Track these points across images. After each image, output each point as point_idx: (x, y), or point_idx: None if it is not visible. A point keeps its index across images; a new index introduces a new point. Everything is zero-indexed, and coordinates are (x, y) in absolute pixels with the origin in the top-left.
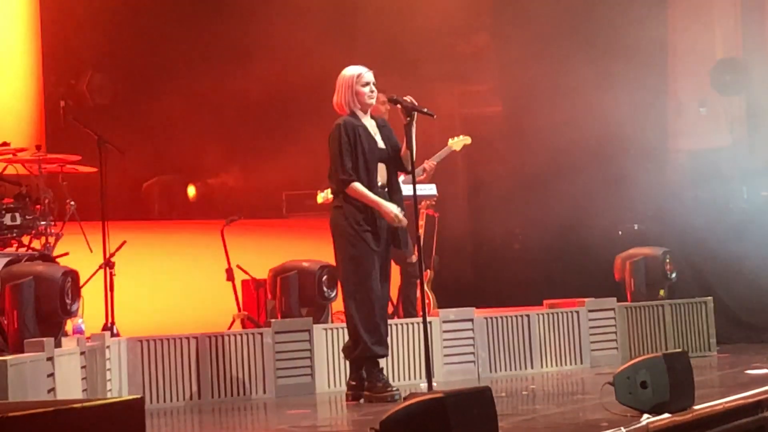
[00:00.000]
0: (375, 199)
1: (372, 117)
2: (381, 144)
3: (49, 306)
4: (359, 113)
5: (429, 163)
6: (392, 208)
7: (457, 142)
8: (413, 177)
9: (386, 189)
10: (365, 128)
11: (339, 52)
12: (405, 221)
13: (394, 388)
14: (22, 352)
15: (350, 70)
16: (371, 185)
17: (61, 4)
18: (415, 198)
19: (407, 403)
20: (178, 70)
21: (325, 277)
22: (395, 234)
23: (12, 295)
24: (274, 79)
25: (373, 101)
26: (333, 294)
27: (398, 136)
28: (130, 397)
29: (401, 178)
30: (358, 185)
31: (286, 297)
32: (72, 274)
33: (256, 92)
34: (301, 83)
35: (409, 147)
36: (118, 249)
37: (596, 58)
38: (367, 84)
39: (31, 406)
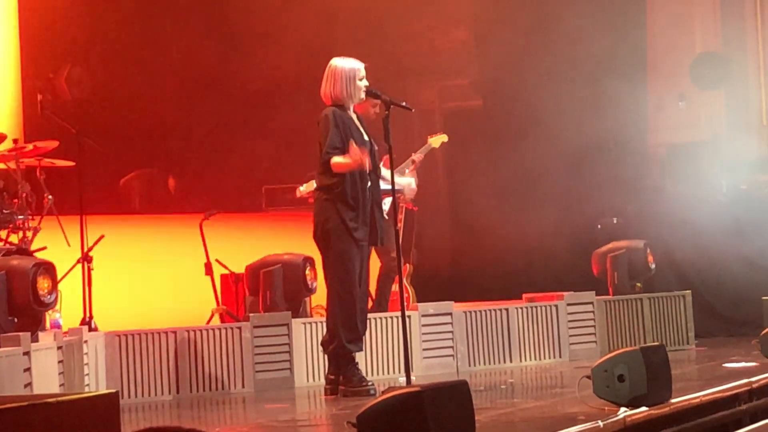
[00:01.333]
0: (350, 160)
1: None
2: (365, 137)
3: (21, 298)
4: (348, 105)
5: (417, 156)
6: (358, 152)
7: (436, 140)
8: (392, 171)
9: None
10: (352, 120)
11: (319, 46)
12: (370, 164)
13: (370, 383)
14: None
15: (350, 63)
16: (362, 174)
17: None
18: (394, 192)
19: (384, 396)
20: (157, 64)
21: (308, 269)
22: (376, 232)
23: None
24: (254, 72)
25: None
26: (315, 285)
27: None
28: (105, 391)
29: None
30: (337, 157)
31: (271, 291)
32: (45, 266)
33: (235, 85)
34: (281, 77)
35: (386, 140)
36: (96, 243)
37: (576, 52)
38: (363, 78)
39: (6, 401)
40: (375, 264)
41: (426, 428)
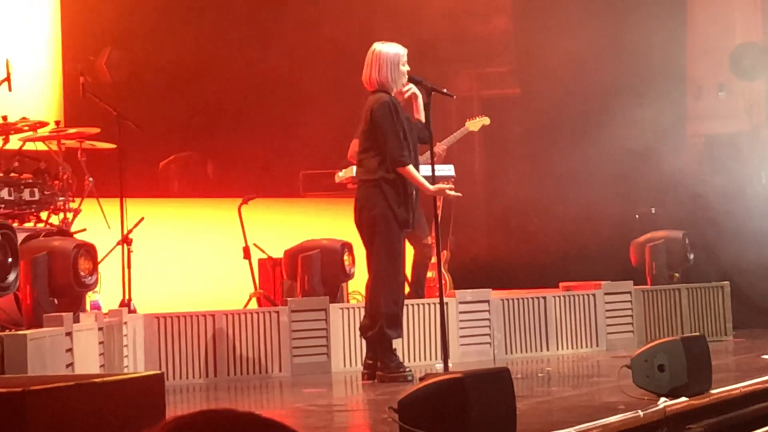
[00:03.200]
0: (422, 180)
1: None
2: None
3: (62, 279)
4: (391, 91)
5: (441, 146)
6: (437, 186)
7: (475, 123)
8: (432, 157)
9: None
10: (402, 111)
11: (358, 31)
12: (451, 192)
13: (407, 369)
14: (40, 326)
15: (394, 47)
16: (416, 165)
17: None
18: (434, 178)
19: (426, 382)
20: (196, 48)
21: (346, 255)
22: (413, 217)
23: (26, 270)
24: (294, 57)
25: None
26: (353, 271)
27: None
28: (151, 372)
29: None
30: (411, 168)
31: (309, 276)
32: (86, 247)
33: (275, 70)
34: (319, 62)
35: (428, 128)
36: (135, 225)
37: (615, 41)
38: (405, 64)
39: (52, 380)
40: (409, 251)
41: (467, 415)
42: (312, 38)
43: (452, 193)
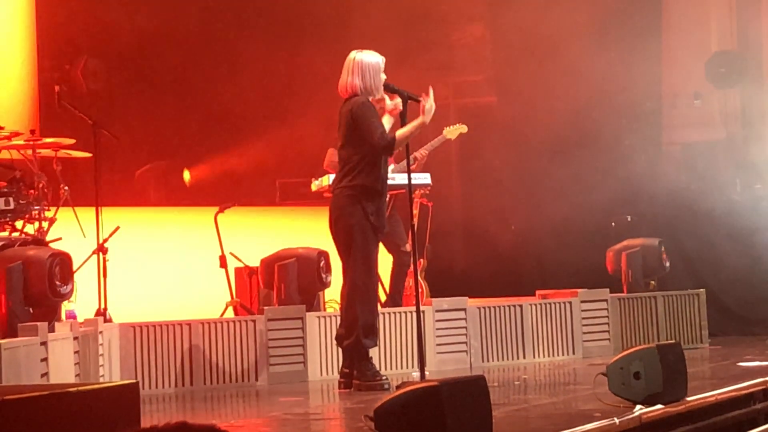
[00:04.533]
0: (415, 124)
1: None
2: None
3: (37, 289)
4: (369, 98)
5: (420, 152)
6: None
7: (452, 131)
8: (408, 165)
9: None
10: (377, 112)
11: (333, 40)
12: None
13: (384, 377)
14: (15, 336)
15: (374, 56)
16: (385, 165)
17: None
18: (410, 187)
19: (402, 391)
20: (172, 56)
21: (322, 263)
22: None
23: (1, 280)
24: (269, 65)
25: None
26: (329, 279)
27: None
28: (125, 381)
29: (391, 166)
30: (398, 131)
31: (285, 284)
32: (61, 256)
33: (251, 80)
34: (295, 70)
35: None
36: (111, 234)
37: (591, 49)
38: (382, 72)
39: (27, 390)
40: (387, 259)
41: (443, 423)
42: (289, 47)
43: (431, 95)
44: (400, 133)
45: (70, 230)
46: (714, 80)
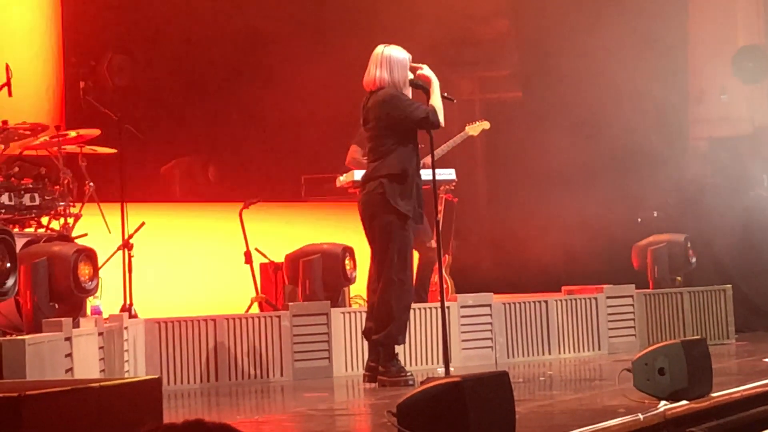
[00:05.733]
0: (436, 95)
1: None
2: None
3: (62, 284)
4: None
5: (443, 148)
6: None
7: (475, 128)
8: (432, 161)
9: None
10: None
11: (359, 35)
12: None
13: (409, 373)
14: (39, 331)
15: (401, 51)
16: (417, 158)
17: None
18: (434, 182)
19: (425, 386)
20: (197, 52)
21: (347, 259)
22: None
23: (26, 275)
24: (295, 62)
25: None
26: (354, 275)
27: None
28: (148, 377)
29: None
30: (434, 110)
31: (310, 280)
32: (86, 252)
33: (277, 74)
34: (321, 66)
35: (429, 132)
36: (136, 230)
37: (618, 45)
38: (408, 68)
39: (49, 385)
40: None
41: (466, 418)
42: (313, 42)
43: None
44: (432, 104)
45: (95, 226)
46: (741, 75)
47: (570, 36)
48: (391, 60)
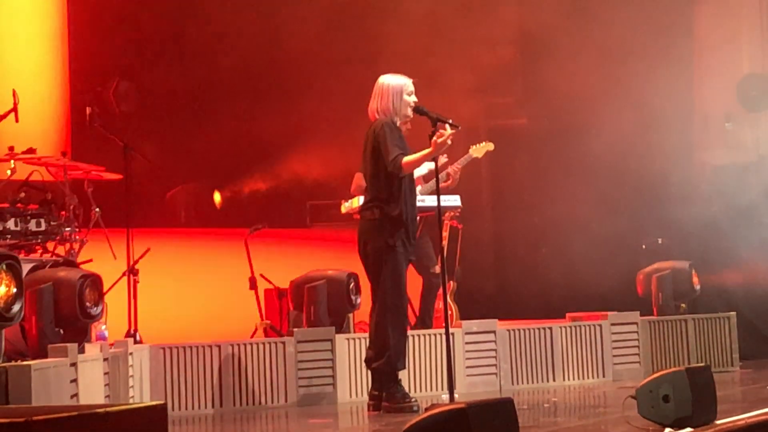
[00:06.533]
0: (424, 153)
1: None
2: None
3: (68, 310)
4: (397, 121)
5: (453, 167)
6: (436, 142)
7: (479, 149)
8: (437, 187)
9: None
10: (402, 135)
11: (365, 63)
12: (448, 139)
13: (413, 399)
14: (45, 357)
15: (397, 79)
16: (412, 189)
17: (88, 12)
18: (439, 209)
19: (429, 413)
20: (204, 78)
21: (352, 285)
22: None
23: (32, 301)
24: (300, 90)
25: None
26: (359, 301)
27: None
28: (153, 402)
29: (419, 187)
30: (407, 157)
31: (315, 306)
32: (92, 278)
33: (283, 101)
34: (327, 96)
35: (434, 158)
36: (142, 256)
37: (622, 71)
38: (411, 93)
39: (55, 410)
40: (416, 281)
41: None
42: (320, 71)
43: (449, 130)
44: (409, 158)
45: (101, 252)
46: (745, 103)
47: (575, 63)
48: (383, 88)
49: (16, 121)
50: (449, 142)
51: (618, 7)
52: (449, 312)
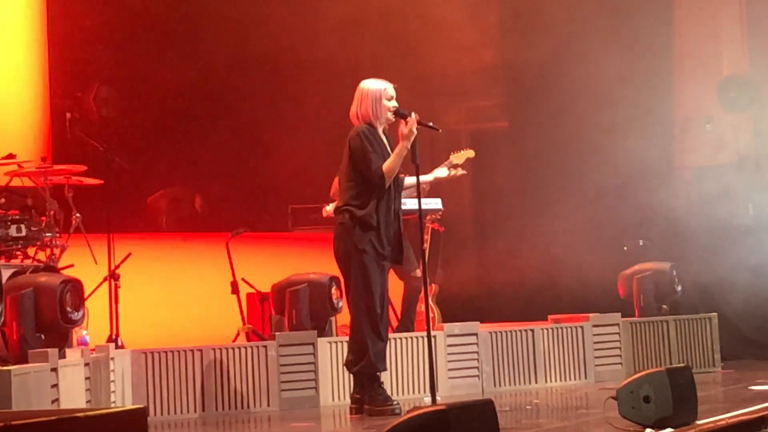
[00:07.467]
0: (397, 152)
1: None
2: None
3: (49, 315)
4: (377, 125)
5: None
6: (406, 139)
7: (460, 156)
8: (418, 191)
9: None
10: (381, 140)
11: (346, 67)
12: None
13: (395, 402)
14: (26, 362)
15: (376, 83)
16: (390, 194)
17: (69, 17)
18: (421, 212)
19: (410, 415)
20: (184, 83)
21: (334, 289)
22: (401, 251)
23: (13, 306)
24: (282, 93)
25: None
26: (341, 305)
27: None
28: (133, 406)
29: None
30: (385, 163)
31: (297, 310)
32: (72, 283)
33: (262, 106)
34: (308, 99)
35: (414, 161)
36: (123, 261)
37: (602, 74)
38: (392, 98)
39: (34, 415)
40: (398, 285)
41: None
42: (301, 74)
43: (413, 117)
44: (386, 165)
45: (81, 257)
46: (725, 104)
47: (555, 67)
48: (362, 93)
49: None
50: (414, 130)
51: (598, 9)
52: (431, 315)
